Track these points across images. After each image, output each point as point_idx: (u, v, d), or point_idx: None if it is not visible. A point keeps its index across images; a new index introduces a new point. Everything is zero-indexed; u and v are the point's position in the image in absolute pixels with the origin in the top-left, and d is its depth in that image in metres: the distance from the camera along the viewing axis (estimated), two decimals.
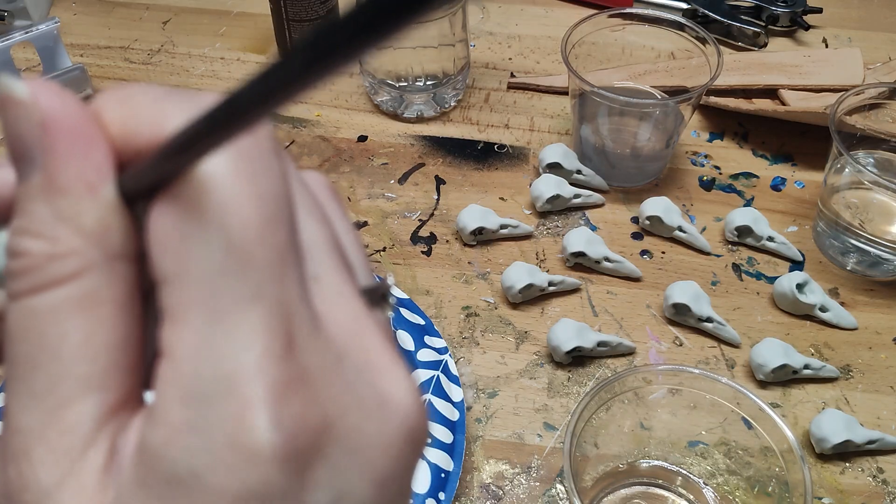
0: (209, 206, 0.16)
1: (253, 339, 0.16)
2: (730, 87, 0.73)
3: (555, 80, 0.75)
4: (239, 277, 0.16)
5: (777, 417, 0.45)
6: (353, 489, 0.17)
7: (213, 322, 0.16)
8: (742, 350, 0.57)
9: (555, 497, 0.50)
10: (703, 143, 0.71)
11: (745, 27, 0.78)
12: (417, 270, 0.61)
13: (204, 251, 0.16)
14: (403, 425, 0.18)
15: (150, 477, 0.16)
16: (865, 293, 0.60)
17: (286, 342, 0.16)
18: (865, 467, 0.51)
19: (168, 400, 0.16)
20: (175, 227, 0.16)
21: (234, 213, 0.16)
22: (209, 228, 0.16)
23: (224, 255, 0.16)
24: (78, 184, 0.17)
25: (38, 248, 0.17)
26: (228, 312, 0.16)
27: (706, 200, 0.66)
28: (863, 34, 0.82)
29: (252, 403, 0.16)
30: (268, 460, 0.16)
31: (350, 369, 0.17)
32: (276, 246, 0.17)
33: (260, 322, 0.16)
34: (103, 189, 0.17)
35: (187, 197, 0.16)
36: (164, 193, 0.17)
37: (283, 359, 0.16)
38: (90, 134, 0.17)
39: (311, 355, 0.17)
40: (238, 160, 0.16)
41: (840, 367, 0.55)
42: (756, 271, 0.61)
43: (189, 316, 0.16)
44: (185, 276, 0.16)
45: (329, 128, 0.72)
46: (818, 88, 0.73)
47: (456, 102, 0.74)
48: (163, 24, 0.83)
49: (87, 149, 0.17)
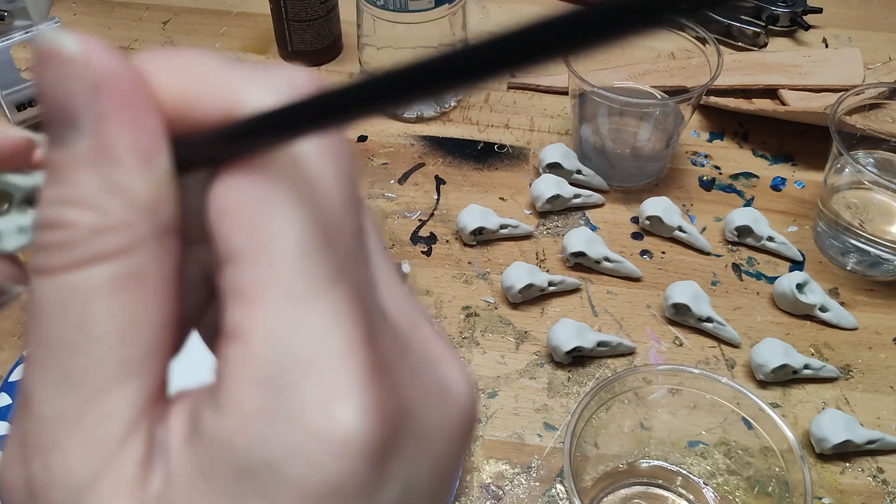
0: (296, 179, 0.15)
1: (338, 321, 0.15)
2: (730, 87, 0.73)
3: (555, 80, 0.75)
4: (322, 257, 0.15)
5: (777, 417, 0.45)
6: (419, 481, 0.16)
7: (294, 302, 0.15)
8: (742, 350, 0.57)
9: (555, 497, 0.50)
10: (703, 143, 0.71)
11: (745, 27, 0.78)
12: (417, 270, 0.61)
13: (287, 226, 0.15)
14: (462, 415, 0.17)
15: (215, 469, 0.15)
16: (865, 293, 0.60)
17: (368, 326, 0.15)
18: (865, 467, 0.51)
19: (240, 385, 0.15)
20: (253, 200, 0.15)
21: (322, 190, 0.15)
22: (295, 203, 0.15)
23: (308, 231, 0.15)
24: (132, 153, 0.15)
25: (84, 219, 0.15)
26: (310, 293, 0.15)
27: (706, 200, 0.66)
28: (863, 34, 0.82)
29: (339, 389, 0.15)
30: (354, 452, 0.14)
31: (414, 358, 0.17)
32: (355, 227, 0.16)
33: (343, 304, 0.15)
34: (158, 159, 0.16)
35: (269, 170, 0.15)
36: (237, 165, 0.15)
37: (367, 343, 0.15)
38: (146, 99, 0.16)
39: (385, 342, 0.16)
40: (325, 139, 0.16)
41: (840, 367, 0.55)
42: (756, 271, 0.61)
43: (266, 295, 0.15)
44: (262, 252, 0.15)
45: None
46: (818, 88, 0.73)
47: (456, 102, 0.74)
48: (163, 24, 0.83)
49: (142, 114, 0.15)
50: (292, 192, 0.15)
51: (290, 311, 0.15)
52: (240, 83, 0.16)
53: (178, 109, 0.16)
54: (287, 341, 0.15)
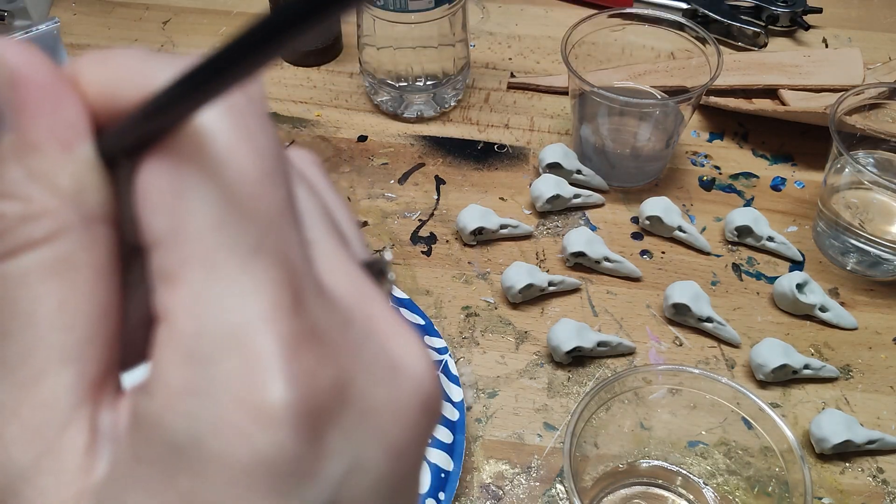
0: (206, 158, 0.15)
1: (259, 291, 0.15)
2: (730, 87, 0.73)
3: (555, 80, 0.75)
4: (239, 230, 0.15)
5: (777, 417, 0.45)
6: (367, 459, 0.16)
7: (214, 276, 0.15)
8: (742, 350, 0.57)
9: (555, 497, 0.50)
10: (703, 143, 0.71)
11: (745, 27, 0.78)
12: (417, 270, 0.61)
13: (201, 205, 0.15)
14: (417, 392, 0.17)
15: (147, 450, 0.15)
16: (865, 293, 0.60)
17: (294, 295, 0.15)
18: (865, 467, 0.51)
19: (166, 363, 0.15)
20: (168, 183, 0.15)
21: (233, 166, 0.15)
22: (206, 181, 0.15)
23: (222, 207, 0.15)
24: (51, 141, 0.16)
25: (9, 209, 0.15)
26: (230, 266, 0.15)
27: (706, 200, 0.66)
28: (863, 34, 0.82)
29: (262, 358, 0.14)
30: (281, 421, 0.14)
31: (356, 333, 0.16)
32: (276, 200, 0.16)
33: (265, 274, 0.15)
34: (79, 146, 0.16)
35: (181, 151, 0.15)
36: (154, 150, 0.16)
37: (293, 311, 0.15)
38: (63, 90, 0.16)
39: (318, 314, 0.16)
40: (234, 116, 0.16)
41: (840, 367, 0.55)
42: (756, 271, 0.61)
43: (187, 274, 0.15)
44: (180, 233, 0.15)
45: (329, 128, 0.72)
46: (818, 88, 0.73)
47: (456, 102, 0.74)
48: (163, 24, 0.83)
49: (59, 105, 0.16)
50: (203, 169, 0.15)
51: (210, 285, 0.15)
52: (153, 67, 0.16)
53: (103, 100, 0.16)
54: (208, 316, 0.15)
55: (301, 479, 0.15)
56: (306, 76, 0.76)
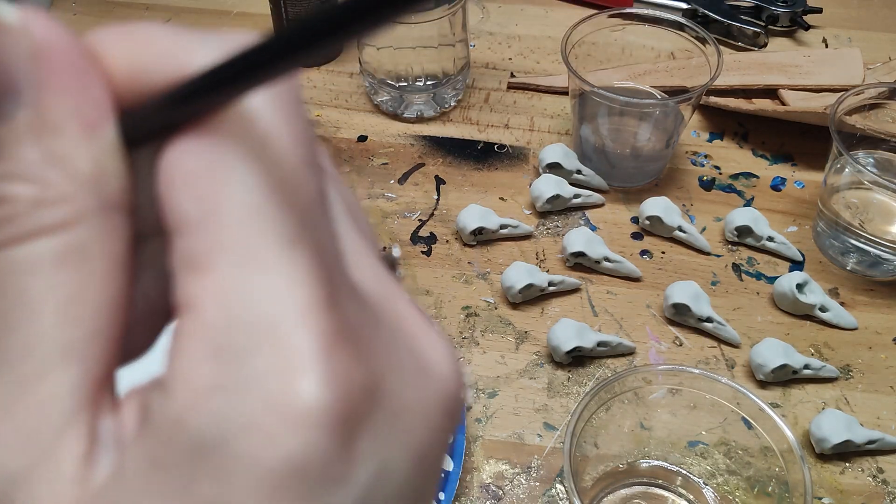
0: (248, 140, 0.14)
1: (297, 283, 0.14)
2: (730, 87, 0.73)
3: (555, 80, 0.75)
4: (279, 217, 0.14)
5: (777, 417, 0.45)
6: (394, 463, 0.15)
7: (249, 264, 0.14)
8: (742, 350, 0.57)
9: (555, 497, 0.50)
10: (703, 143, 0.71)
11: (745, 27, 0.78)
12: (417, 270, 0.61)
13: (239, 189, 0.14)
14: (443, 393, 0.16)
15: (164, 454, 0.14)
16: (865, 293, 0.60)
17: (330, 291, 0.14)
18: (865, 467, 0.51)
19: (191, 357, 0.14)
20: (203, 163, 0.14)
21: (276, 149, 0.14)
22: (247, 163, 0.14)
23: (262, 191, 0.14)
24: (73, 122, 0.15)
25: (24, 192, 0.14)
26: (267, 255, 0.14)
27: (706, 200, 0.66)
28: (863, 34, 0.81)
29: (298, 356, 0.13)
30: (315, 424, 0.13)
31: (387, 332, 0.16)
32: (314, 189, 0.15)
33: (303, 265, 0.14)
34: (103, 129, 0.15)
35: (221, 132, 0.14)
36: (184, 131, 0.14)
37: (329, 307, 0.14)
38: (88, 67, 0.15)
39: (351, 311, 0.15)
40: (276, 98, 0.15)
41: (840, 367, 0.55)
42: (756, 271, 0.61)
43: (219, 261, 0.14)
44: (213, 216, 0.14)
45: (329, 128, 0.72)
46: (818, 88, 0.73)
47: (456, 102, 0.74)
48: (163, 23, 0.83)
49: (85, 83, 0.15)
50: (244, 151, 0.14)
51: (245, 275, 0.14)
52: (188, 46, 0.15)
53: (129, 79, 0.15)
54: (241, 307, 0.14)
55: (331, 485, 0.14)
56: (306, 76, 0.76)
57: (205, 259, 0.14)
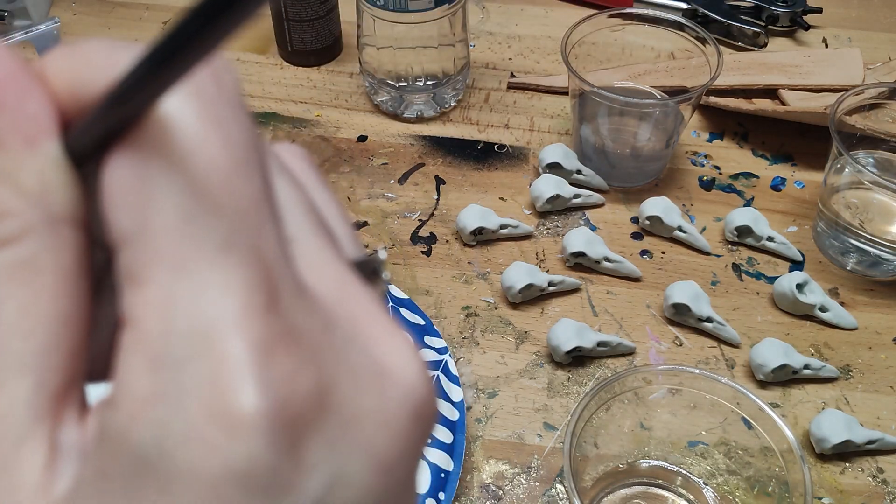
0: (171, 149, 0.14)
1: (229, 289, 0.14)
2: (730, 87, 0.73)
3: (555, 80, 0.75)
4: (207, 225, 0.14)
5: (777, 417, 0.45)
6: (351, 472, 0.15)
7: (182, 275, 0.14)
8: (742, 350, 0.57)
9: (555, 497, 0.50)
10: (703, 143, 0.71)
11: (745, 27, 0.78)
12: (417, 270, 0.61)
13: (165, 199, 0.14)
14: (407, 399, 0.15)
15: (112, 465, 0.14)
16: (865, 293, 0.60)
17: (269, 295, 0.14)
18: (865, 467, 0.51)
19: (131, 370, 0.14)
20: (132, 178, 0.14)
21: (200, 155, 0.14)
22: (171, 173, 0.14)
23: (189, 201, 0.14)
24: (14, 137, 0.15)
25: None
26: (198, 263, 0.14)
27: (706, 200, 0.66)
28: (863, 34, 0.81)
29: (232, 362, 0.13)
30: (254, 430, 0.13)
31: (340, 336, 0.15)
32: (249, 193, 0.14)
33: (236, 271, 0.14)
34: (44, 143, 0.15)
35: (145, 144, 0.14)
36: (118, 145, 0.14)
37: (266, 312, 0.14)
38: (27, 82, 0.15)
39: (296, 315, 0.14)
40: (202, 104, 0.14)
41: (840, 367, 0.55)
42: (756, 271, 0.61)
43: (153, 274, 0.14)
44: (145, 230, 0.14)
45: (329, 128, 0.72)
46: (818, 88, 0.73)
47: (456, 102, 0.74)
48: (163, 24, 0.83)
49: (23, 99, 0.15)
50: (167, 160, 0.14)
51: (178, 284, 0.14)
52: (122, 57, 0.15)
53: (71, 95, 0.15)
54: (176, 317, 0.13)
55: (277, 494, 0.14)
56: (306, 76, 0.76)
57: (141, 272, 0.14)
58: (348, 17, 0.75)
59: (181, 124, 0.14)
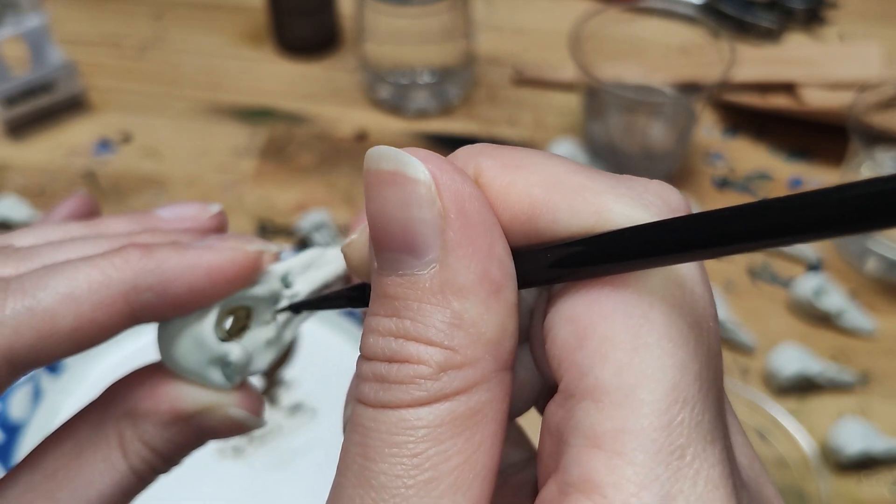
0: (676, 313, 0.13)
1: (713, 493, 0.13)
2: (744, 83, 0.72)
3: (562, 75, 0.74)
4: (700, 410, 0.13)
5: (792, 427, 0.44)
6: None
7: (665, 463, 0.13)
8: (756, 356, 0.55)
9: None
10: (716, 141, 0.69)
11: (760, 21, 0.77)
12: None
13: (661, 369, 0.13)
14: None
15: None
16: (885, 297, 0.59)
17: (736, 492, 0.14)
18: (885, 478, 0.50)
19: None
20: (623, 333, 0.13)
21: (703, 329, 0.14)
22: (673, 341, 0.13)
23: (687, 378, 0.13)
24: (481, 285, 0.14)
25: (430, 356, 0.14)
26: (684, 453, 0.13)
27: (720, 201, 0.65)
28: (880, 29, 0.80)
29: None
30: None
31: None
32: (721, 374, 0.14)
33: (717, 469, 0.13)
34: (506, 290, 0.14)
35: (642, 295, 0.14)
36: (593, 283, 0.14)
37: (731, 498, 0.14)
38: (494, 225, 0.15)
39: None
40: (701, 268, 0.14)
41: (858, 374, 0.54)
42: (772, 275, 0.60)
43: (630, 449, 0.13)
44: (629, 397, 0.13)
45: (328, 125, 0.70)
46: (834, 84, 0.72)
47: (460, 98, 0.72)
48: (155, 17, 0.82)
49: (492, 243, 0.14)
50: (670, 326, 0.13)
51: (659, 474, 0.13)
52: (604, 193, 0.14)
53: (523, 221, 0.15)
54: (654, 501, 0.13)
55: None
56: (305, 71, 0.75)
57: (613, 441, 0.13)
58: (346, 10, 0.73)
59: (688, 284, 0.14)
